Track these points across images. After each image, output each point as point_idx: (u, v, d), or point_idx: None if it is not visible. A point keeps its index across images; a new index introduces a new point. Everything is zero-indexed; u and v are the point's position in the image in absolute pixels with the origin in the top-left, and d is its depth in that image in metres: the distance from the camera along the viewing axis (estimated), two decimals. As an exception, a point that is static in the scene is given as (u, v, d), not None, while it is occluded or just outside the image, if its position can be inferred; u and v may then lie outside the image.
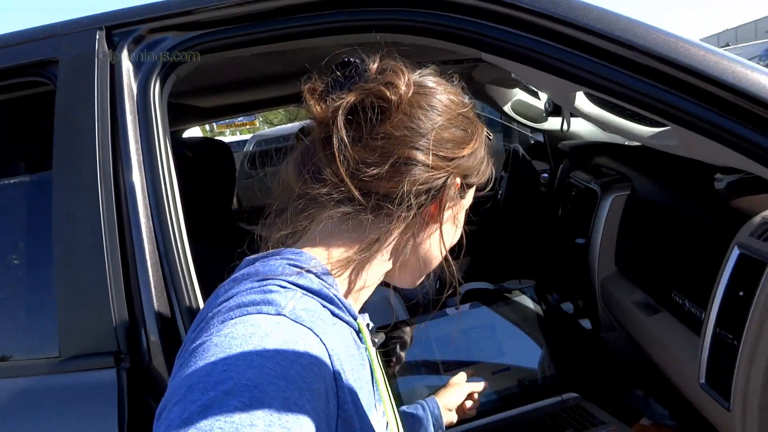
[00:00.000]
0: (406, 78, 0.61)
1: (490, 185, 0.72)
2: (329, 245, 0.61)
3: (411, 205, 0.59)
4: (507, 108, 2.47)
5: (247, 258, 0.61)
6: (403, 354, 1.29)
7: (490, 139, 0.71)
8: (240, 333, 0.46)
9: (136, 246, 0.93)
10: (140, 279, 0.92)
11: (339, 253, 0.61)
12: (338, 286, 0.59)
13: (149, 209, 0.95)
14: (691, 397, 1.05)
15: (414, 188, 0.59)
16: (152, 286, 0.92)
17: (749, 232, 0.90)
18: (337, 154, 0.58)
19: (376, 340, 0.67)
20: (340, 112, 0.59)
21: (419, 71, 0.65)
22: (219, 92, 2.16)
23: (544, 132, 2.55)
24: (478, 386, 1.17)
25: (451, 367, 1.34)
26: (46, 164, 0.99)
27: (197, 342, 0.48)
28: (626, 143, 2.27)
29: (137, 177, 0.96)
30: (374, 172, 0.58)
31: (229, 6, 1.01)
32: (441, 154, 0.61)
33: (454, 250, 0.71)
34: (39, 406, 0.91)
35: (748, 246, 0.88)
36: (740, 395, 0.84)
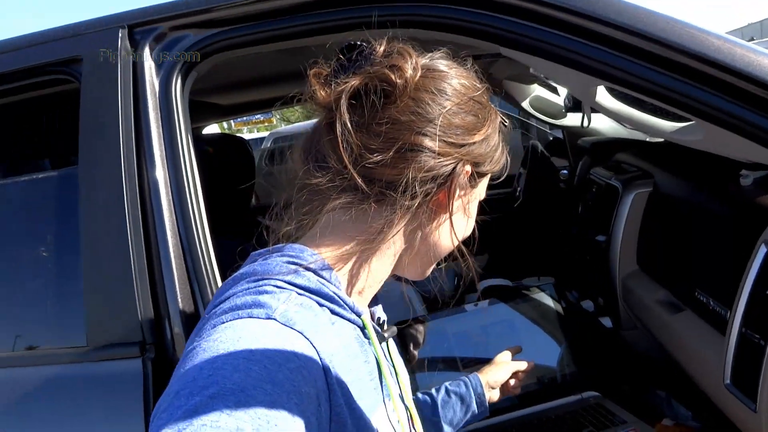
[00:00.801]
0: (414, 61, 0.58)
1: (505, 174, 0.69)
2: (333, 239, 0.59)
3: (416, 193, 0.57)
4: (525, 104, 2.45)
5: (253, 253, 0.60)
6: (416, 353, 1.28)
7: (505, 126, 0.68)
8: (228, 337, 0.46)
9: (159, 240, 0.94)
10: (164, 272, 0.93)
11: (343, 246, 0.59)
12: (342, 281, 0.58)
13: (172, 204, 0.96)
14: (714, 397, 1.03)
15: (419, 175, 0.57)
16: (176, 278, 0.93)
17: (777, 230, 0.88)
18: (339, 140, 0.56)
19: (387, 335, 0.65)
20: (343, 96, 0.57)
21: (430, 54, 0.63)
22: (238, 89, 2.18)
23: (563, 128, 2.53)
24: (523, 365, 1.14)
25: (470, 364, 1.34)
26: (72, 160, 1.01)
27: (190, 346, 0.48)
28: (647, 139, 2.24)
29: (160, 173, 0.97)
30: (378, 158, 0.56)
31: (249, 3, 1.02)
32: (449, 140, 0.59)
33: (468, 243, 0.69)
34: (66, 393, 0.93)
35: (776, 244, 0.86)
36: (767, 396, 0.82)
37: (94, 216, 0.96)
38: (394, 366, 0.69)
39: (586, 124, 1.64)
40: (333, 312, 0.56)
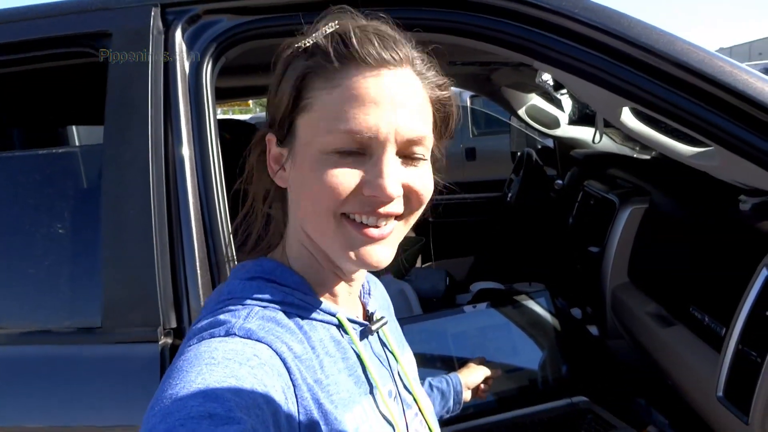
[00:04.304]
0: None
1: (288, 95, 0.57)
2: (286, 241, 0.63)
3: (254, 178, 0.63)
4: (521, 112, 2.50)
5: (233, 270, 0.64)
6: None
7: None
8: (191, 355, 0.50)
9: (183, 222, 0.94)
10: (186, 255, 0.93)
11: (293, 251, 0.62)
12: (312, 284, 0.61)
13: (197, 186, 0.96)
14: (702, 409, 1.09)
15: (252, 159, 0.63)
16: (197, 262, 0.93)
17: (777, 255, 0.94)
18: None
19: (374, 328, 0.66)
20: None
21: None
22: (239, 74, 2.16)
23: (555, 138, 2.59)
24: (494, 372, 1.21)
25: (466, 363, 1.37)
26: (94, 135, 0.99)
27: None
28: (635, 156, 2.32)
29: (187, 153, 0.96)
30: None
31: (284, -6, 1.02)
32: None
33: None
34: (80, 374, 0.92)
35: (776, 268, 0.92)
36: (760, 410, 0.88)
37: (118, 193, 0.95)
38: (394, 356, 0.70)
39: (597, 139, 1.70)
40: (302, 317, 0.58)
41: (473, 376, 1.17)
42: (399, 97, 0.53)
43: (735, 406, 0.94)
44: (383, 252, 0.56)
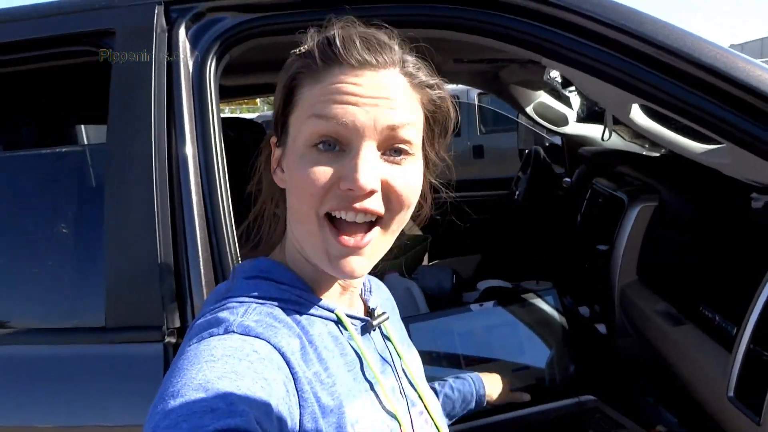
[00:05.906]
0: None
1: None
2: (285, 241, 0.64)
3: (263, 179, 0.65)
4: (529, 109, 2.48)
5: (233, 268, 0.66)
6: None
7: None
8: (191, 354, 0.51)
9: (186, 221, 0.93)
10: (189, 254, 0.93)
11: (289, 248, 0.63)
12: (308, 281, 0.61)
13: (201, 185, 0.96)
14: (713, 408, 1.08)
15: (261, 161, 0.66)
16: (201, 261, 0.92)
17: (790, 254, 0.92)
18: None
19: (375, 323, 0.66)
20: None
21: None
22: (248, 72, 2.15)
23: (563, 135, 2.57)
24: (522, 396, 1.21)
25: (473, 362, 1.36)
26: (98, 133, 0.99)
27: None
28: (644, 153, 2.29)
29: (190, 152, 0.96)
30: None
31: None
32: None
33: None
34: (83, 373, 0.92)
35: (789, 267, 0.90)
36: (772, 411, 0.86)
37: (121, 192, 0.95)
38: (397, 352, 0.70)
39: (606, 136, 1.68)
40: (300, 312, 0.59)
41: (496, 391, 1.15)
42: (380, 92, 0.55)
43: (747, 407, 0.92)
44: (358, 263, 0.56)
